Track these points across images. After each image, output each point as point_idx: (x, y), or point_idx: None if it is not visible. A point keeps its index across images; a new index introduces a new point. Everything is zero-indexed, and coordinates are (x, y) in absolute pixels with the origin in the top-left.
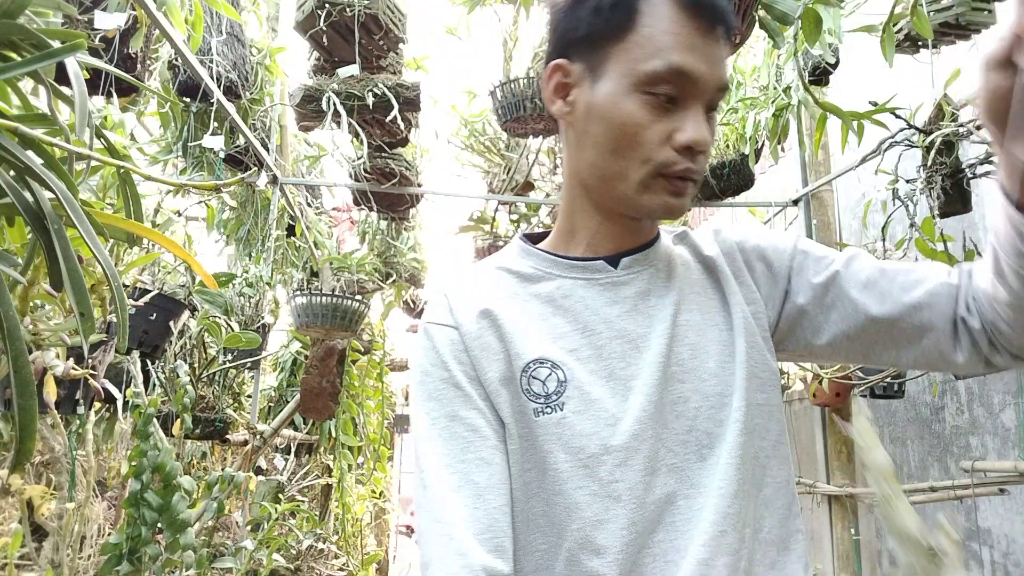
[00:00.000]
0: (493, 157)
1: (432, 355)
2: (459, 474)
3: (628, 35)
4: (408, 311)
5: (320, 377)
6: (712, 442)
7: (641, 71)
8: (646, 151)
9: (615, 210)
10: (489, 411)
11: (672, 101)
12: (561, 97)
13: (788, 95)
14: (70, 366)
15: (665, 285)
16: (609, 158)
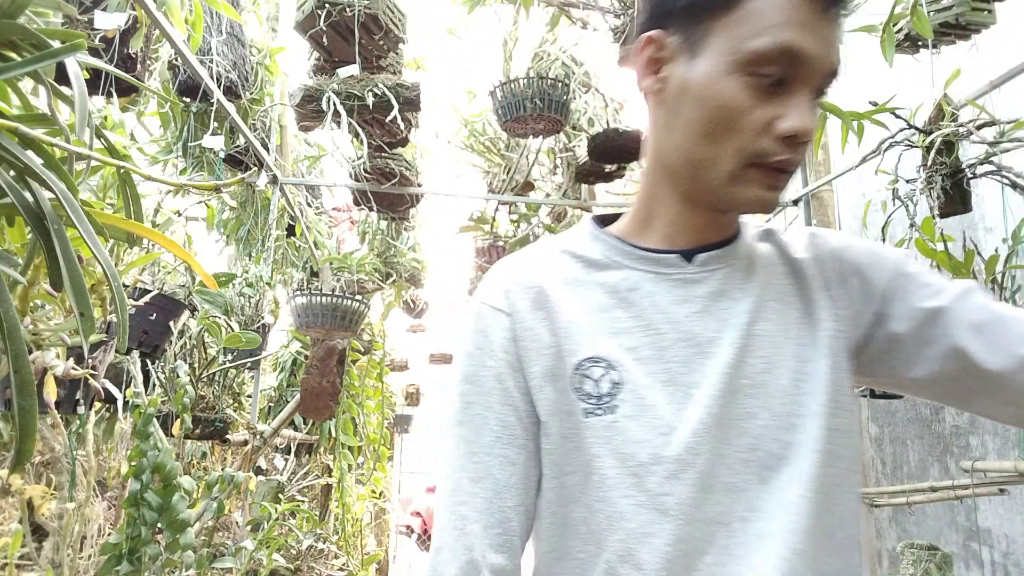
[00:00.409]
0: (493, 157)
1: (479, 338)
2: (482, 466)
3: (734, 8)
4: (408, 311)
5: (320, 377)
6: (777, 465)
7: (746, 49)
8: (743, 138)
9: (700, 200)
10: (524, 408)
11: (778, 84)
12: (652, 72)
13: None
14: (70, 366)
15: (742, 287)
16: (701, 143)
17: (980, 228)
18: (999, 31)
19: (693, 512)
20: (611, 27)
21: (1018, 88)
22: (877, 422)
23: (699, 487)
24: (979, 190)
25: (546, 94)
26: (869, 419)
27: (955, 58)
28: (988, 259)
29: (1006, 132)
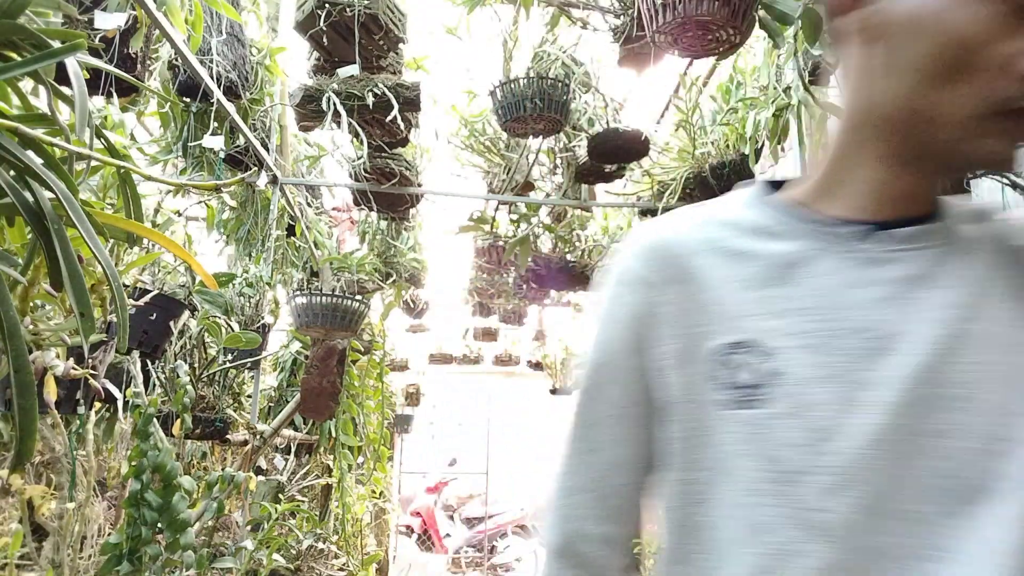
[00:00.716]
0: (493, 157)
1: (610, 307)
2: (595, 440)
3: None
4: (408, 311)
5: (320, 377)
6: (974, 498)
7: None
8: (985, 79)
9: (919, 158)
10: (646, 388)
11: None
12: (855, 5)
13: (788, 95)
14: (70, 366)
15: (955, 274)
16: (928, 86)
17: None
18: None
19: (857, 538)
20: (611, 27)
21: None
22: None
23: (866, 510)
24: (979, 190)
25: (546, 94)
26: None
27: None
28: None
29: None
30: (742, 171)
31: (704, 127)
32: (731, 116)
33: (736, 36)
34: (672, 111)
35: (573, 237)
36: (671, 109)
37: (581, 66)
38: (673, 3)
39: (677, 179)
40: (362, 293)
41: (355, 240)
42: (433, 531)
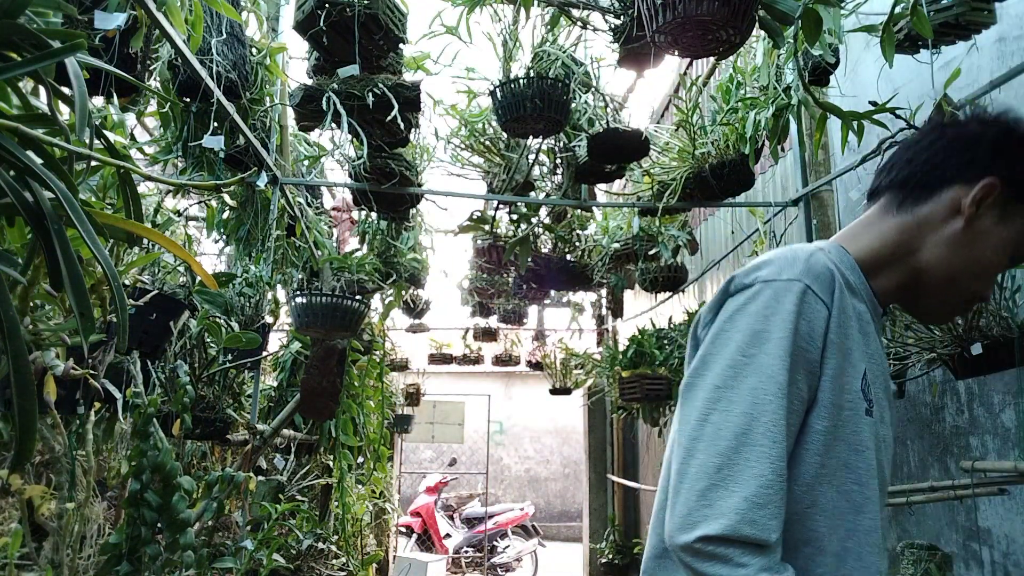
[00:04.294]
0: (493, 157)
1: (799, 319)
2: (778, 430)
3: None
4: (408, 311)
5: (320, 377)
6: (886, 491)
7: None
8: (979, 286)
9: (914, 292)
10: (809, 390)
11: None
12: (975, 206)
13: (788, 95)
14: (70, 366)
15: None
16: (965, 277)
17: None
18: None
19: (880, 512)
20: (611, 27)
21: (1018, 88)
22: None
23: (883, 497)
24: None
25: (546, 94)
26: None
27: (955, 58)
28: None
29: None
30: (742, 171)
31: (704, 127)
32: (731, 116)
33: (736, 36)
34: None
35: (573, 237)
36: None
37: (581, 66)
38: (673, 3)
39: (677, 179)
40: (362, 293)
41: (355, 240)
42: (433, 531)
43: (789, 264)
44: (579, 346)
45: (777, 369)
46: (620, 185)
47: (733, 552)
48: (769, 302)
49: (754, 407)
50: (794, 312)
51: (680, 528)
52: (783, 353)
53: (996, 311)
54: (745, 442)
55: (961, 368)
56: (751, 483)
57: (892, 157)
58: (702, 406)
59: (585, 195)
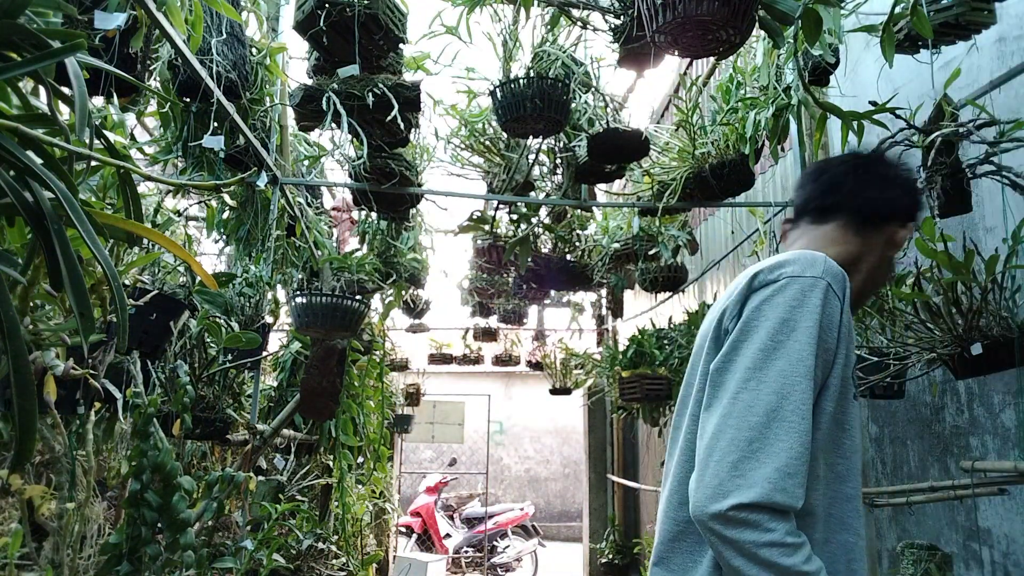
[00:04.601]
0: (493, 157)
1: (821, 312)
2: (805, 409)
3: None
4: (408, 311)
5: (320, 377)
6: None
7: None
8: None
9: (865, 289)
10: (815, 386)
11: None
12: (884, 234)
13: (788, 95)
14: (70, 366)
15: None
16: (877, 286)
17: (980, 228)
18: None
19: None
20: (611, 27)
21: (1018, 88)
22: (877, 422)
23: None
24: (979, 190)
25: (546, 94)
26: (869, 419)
27: (955, 58)
28: (988, 259)
29: (1006, 132)
30: (742, 171)
31: (704, 127)
32: (731, 116)
33: (736, 36)
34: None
35: (573, 237)
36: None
37: (581, 66)
38: (673, 3)
39: (677, 179)
40: (362, 293)
41: (355, 240)
42: (433, 531)
43: (811, 264)
44: (579, 346)
45: (806, 354)
46: (620, 185)
47: (762, 518)
48: (797, 295)
49: (784, 387)
50: (819, 305)
51: (711, 497)
52: (810, 340)
53: (996, 311)
54: (776, 417)
55: (961, 368)
56: (782, 455)
57: (831, 179)
58: (734, 386)
59: (585, 195)
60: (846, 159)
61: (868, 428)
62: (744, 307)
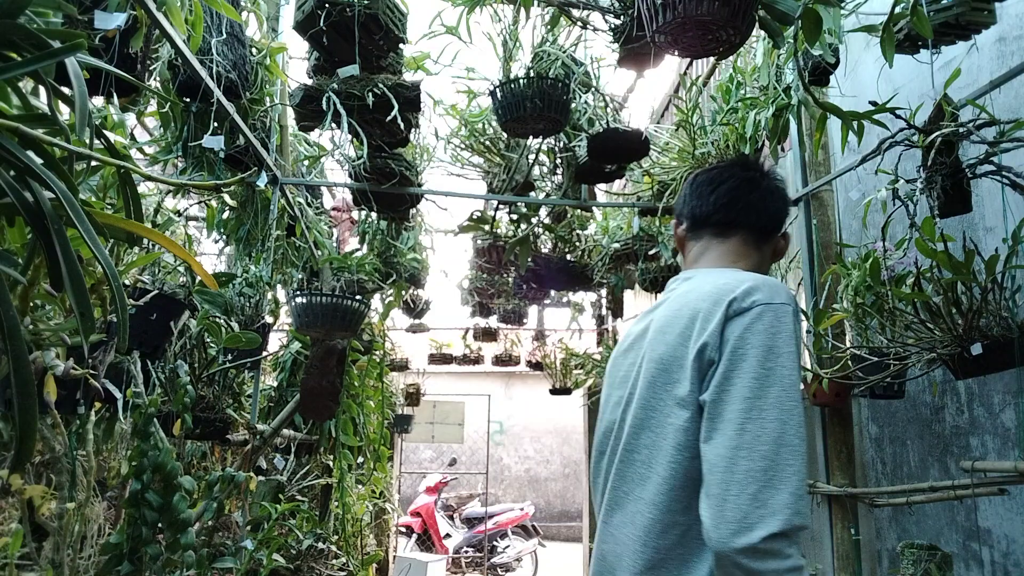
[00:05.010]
0: (493, 157)
1: (797, 337)
2: (805, 441)
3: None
4: (408, 311)
5: (320, 377)
6: None
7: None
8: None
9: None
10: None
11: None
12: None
13: (788, 95)
14: (70, 366)
15: None
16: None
17: (980, 228)
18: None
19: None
20: (611, 27)
21: (1018, 88)
22: (877, 422)
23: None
24: (979, 190)
25: (546, 94)
26: (869, 419)
27: (955, 58)
28: (988, 259)
29: (1006, 132)
30: None
31: (704, 127)
32: (731, 116)
33: (736, 36)
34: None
35: (573, 237)
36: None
37: (581, 66)
38: (673, 3)
39: (677, 179)
40: (362, 293)
41: (355, 240)
42: (433, 531)
43: (775, 290)
44: (579, 346)
45: (793, 377)
46: (620, 185)
47: (783, 545)
48: (773, 322)
49: (783, 412)
50: (793, 329)
51: (737, 532)
52: (793, 363)
53: (996, 311)
54: (783, 444)
55: (961, 368)
56: (793, 479)
57: (728, 193)
58: (738, 417)
59: (585, 195)
60: (734, 172)
61: (868, 428)
62: (725, 336)
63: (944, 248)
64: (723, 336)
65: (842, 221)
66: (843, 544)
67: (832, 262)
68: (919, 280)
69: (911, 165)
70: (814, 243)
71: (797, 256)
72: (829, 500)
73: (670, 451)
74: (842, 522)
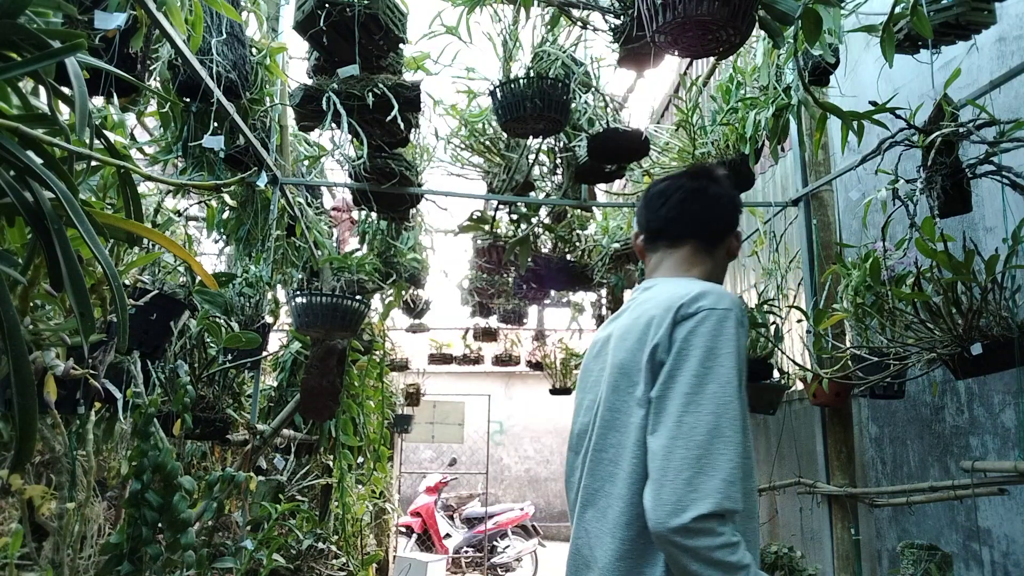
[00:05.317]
0: (493, 157)
1: (737, 339)
2: (740, 432)
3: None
4: (408, 311)
5: (320, 377)
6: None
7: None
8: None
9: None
10: (741, 400)
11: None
12: (727, 247)
13: (788, 95)
14: (70, 366)
15: None
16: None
17: (980, 228)
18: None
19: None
20: (611, 27)
21: (1018, 88)
22: (877, 422)
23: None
24: (979, 190)
25: (546, 94)
26: (869, 419)
27: (955, 58)
28: (988, 259)
29: (1006, 132)
30: (742, 171)
31: (704, 127)
32: (731, 116)
33: (736, 36)
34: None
35: (573, 237)
36: (671, 109)
37: (581, 66)
38: (673, 3)
39: None
40: (362, 293)
41: (355, 240)
42: (433, 531)
43: (721, 296)
44: (579, 346)
45: (731, 376)
46: (620, 185)
47: (714, 524)
48: (716, 325)
49: (719, 407)
50: (734, 333)
51: (671, 513)
52: (732, 363)
53: (996, 311)
54: (716, 435)
55: (961, 368)
56: (725, 466)
57: (676, 204)
58: (677, 411)
59: (585, 195)
60: (682, 183)
61: (868, 428)
62: (672, 339)
63: (944, 248)
64: (671, 338)
65: (842, 221)
66: (843, 544)
67: (832, 262)
68: (919, 280)
69: (911, 165)
70: (814, 243)
71: (797, 256)
72: (829, 500)
73: (632, 448)
74: (842, 522)
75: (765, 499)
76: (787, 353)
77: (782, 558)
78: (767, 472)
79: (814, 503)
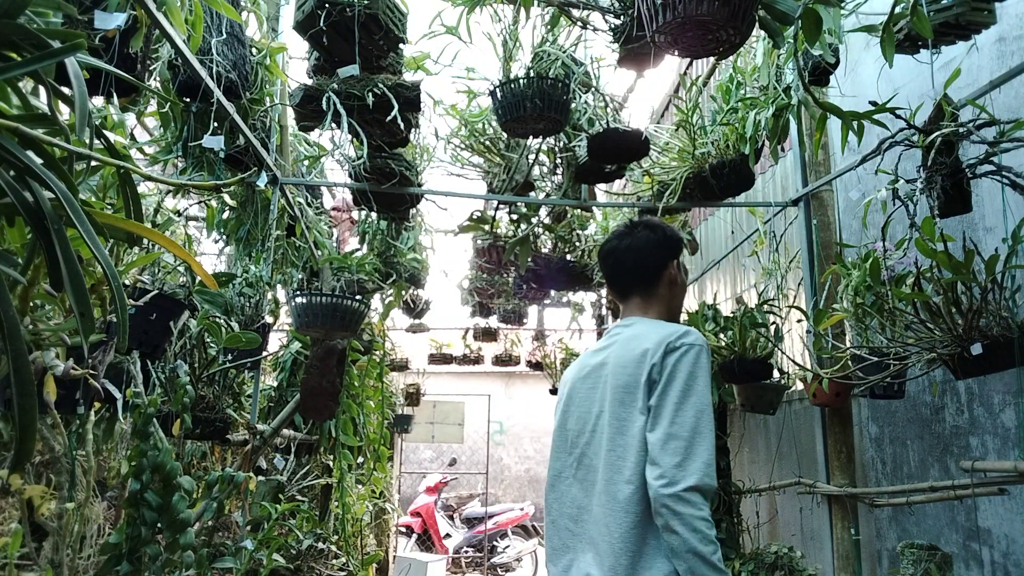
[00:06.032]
0: (493, 157)
1: (706, 368)
2: (712, 432)
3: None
4: (408, 311)
5: (320, 377)
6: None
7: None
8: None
9: (679, 313)
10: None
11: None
12: (673, 271)
13: (788, 95)
14: (70, 366)
15: None
16: (677, 311)
17: (980, 228)
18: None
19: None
20: (611, 27)
21: (1018, 88)
22: (877, 422)
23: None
24: (979, 190)
25: (546, 94)
26: (869, 419)
27: (955, 58)
28: (988, 259)
29: (1006, 132)
30: (742, 171)
31: (704, 127)
32: (731, 116)
33: (736, 36)
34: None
35: (573, 237)
36: (671, 109)
37: (581, 66)
38: (673, 3)
39: (677, 179)
40: (362, 293)
41: (355, 240)
42: (433, 531)
43: (697, 336)
44: (579, 346)
45: (706, 391)
46: (620, 185)
47: (698, 498)
48: (694, 357)
49: (698, 413)
50: (706, 362)
51: (667, 485)
52: (706, 384)
53: (996, 311)
54: (697, 431)
55: (961, 368)
56: (704, 454)
57: (636, 263)
58: (668, 415)
59: (585, 195)
60: (613, 247)
61: (868, 428)
62: (664, 364)
63: (944, 248)
64: (663, 364)
65: (842, 221)
66: (843, 544)
67: (832, 262)
68: (919, 280)
69: (911, 165)
70: (814, 243)
71: (797, 256)
72: (829, 500)
73: (636, 446)
74: (842, 522)
75: (765, 499)
76: (787, 353)
77: (782, 558)
78: (767, 472)
79: (814, 503)
